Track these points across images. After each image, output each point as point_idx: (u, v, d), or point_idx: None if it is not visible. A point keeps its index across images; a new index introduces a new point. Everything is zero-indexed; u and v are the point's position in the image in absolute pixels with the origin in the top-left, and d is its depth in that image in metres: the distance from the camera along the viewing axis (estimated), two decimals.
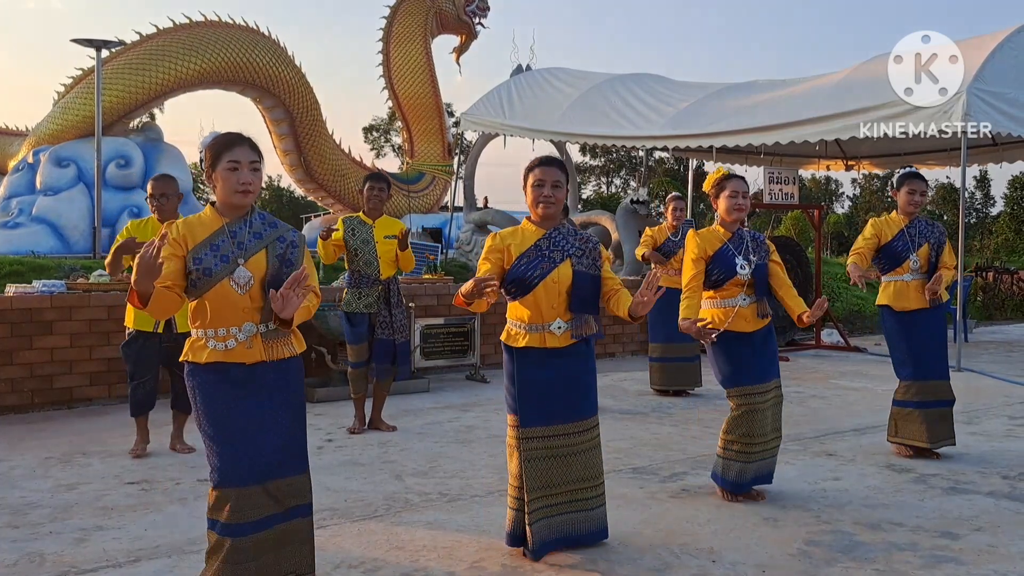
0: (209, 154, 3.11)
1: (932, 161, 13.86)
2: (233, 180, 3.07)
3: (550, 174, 3.78)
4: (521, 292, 3.78)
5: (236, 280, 3.04)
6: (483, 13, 21.71)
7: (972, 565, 3.72)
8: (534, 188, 3.78)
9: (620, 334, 10.60)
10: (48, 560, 3.78)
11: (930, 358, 5.52)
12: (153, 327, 5.49)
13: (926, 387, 5.51)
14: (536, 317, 3.77)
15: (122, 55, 17.26)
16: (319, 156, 19.77)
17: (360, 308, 6.20)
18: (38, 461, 5.50)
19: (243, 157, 3.07)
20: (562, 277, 3.77)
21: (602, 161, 57.95)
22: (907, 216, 5.55)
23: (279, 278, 3.10)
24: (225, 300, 3.04)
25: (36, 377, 7.13)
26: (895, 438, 5.65)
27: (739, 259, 4.58)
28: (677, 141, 12.19)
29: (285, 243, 3.18)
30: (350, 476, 5.16)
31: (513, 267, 3.77)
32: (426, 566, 3.70)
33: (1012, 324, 14.99)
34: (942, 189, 50.41)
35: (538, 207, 3.79)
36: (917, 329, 5.50)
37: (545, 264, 3.76)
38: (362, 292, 6.21)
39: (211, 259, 3.03)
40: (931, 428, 5.49)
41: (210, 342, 3.05)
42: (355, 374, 6.31)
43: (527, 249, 3.79)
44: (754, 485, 4.66)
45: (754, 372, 4.59)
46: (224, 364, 3.06)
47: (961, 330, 10.81)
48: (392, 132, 52.75)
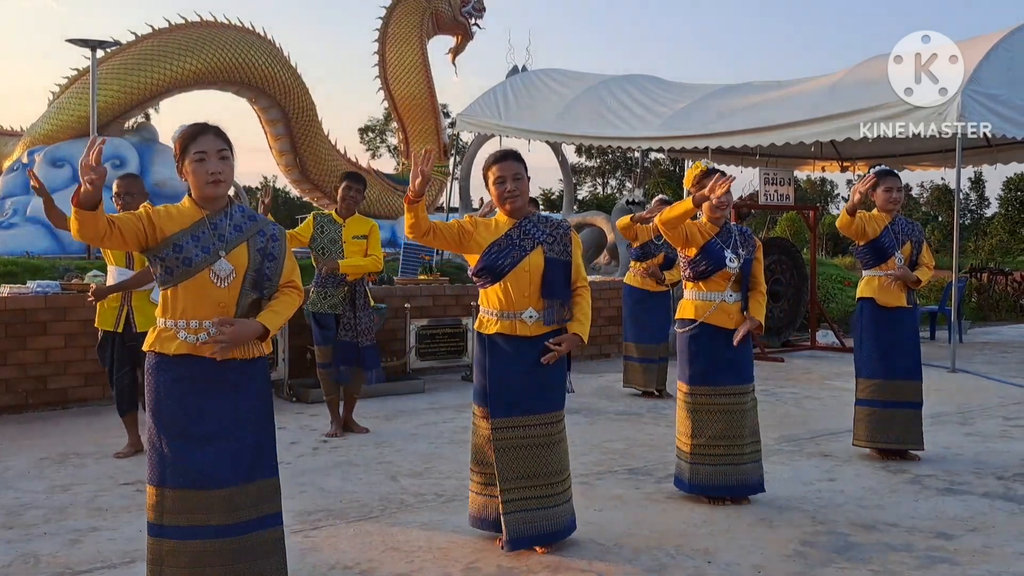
0: (177, 147, 3.04)
1: (927, 162, 13.89)
2: (202, 171, 2.99)
3: (508, 168, 3.82)
4: (492, 280, 3.81)
5: (217, 272, 2.98)
6: (479, 14, 21.68)
7: (967, 566, 3.73)
8: (496, 185, 3.82)
9: (616, 335, 10.59)
10: (43, 561, 3.77)
11: (903, 357, 5.51)
12: (113, 326, 5.50)
13: (893, 386, 5.48)
14: (507, 305, 3.81)
15: (117, 55, 17.22)
16: (315, 157, 19.74)
17: (325, 308, 6.11)
18: (32, 462, 5.48)
19: (209, 147, 2.99)
20: (533, 265, 3.80)
21: (598, 162, 57.98)
22: (888, 214, 5.57)
23: (262, 272, 3.06)
24: (201, 292, 2.96)
25: (30, 378, 7.11)
26: (863, 442, 5.55)
27: (728, 252, 4.57)
28: (673, 142, 12.19)
29: (265, 237, 3.11)
30: (345, 477, 5.15)
31: (484, 255, 3.80)
32: (421, 567, 3.70)
33: (1006, 325, 15.03)
34: (937, 190, 50.52)
35: (505, 204, 3.84)
36: (895, 327, 5.51)
37: (516, 252, 3.80)
38: (328, 292, 6.12)
39: (192, 248, 2.96)
40: (899, 429, 5.46)
41: (180, 333, 2.96)
42: (323, 375, 6.23)
43: (498, 238, 3.82)
44: (743, 494, 4.57)
45: (726, 373, 4.54)
46: (194, 358, 2.95)
47: (956, 331, 10.82)
48: (388, 133, 52.77)
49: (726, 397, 4.53)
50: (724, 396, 4.53)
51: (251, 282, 3.04)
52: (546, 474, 3.79)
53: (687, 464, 4.59)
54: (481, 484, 3.96)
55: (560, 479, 3.85)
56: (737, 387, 4.56)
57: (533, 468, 3.78)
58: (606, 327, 10.54)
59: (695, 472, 4.56)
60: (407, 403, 7.53)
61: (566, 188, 18.56)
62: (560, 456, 3.86)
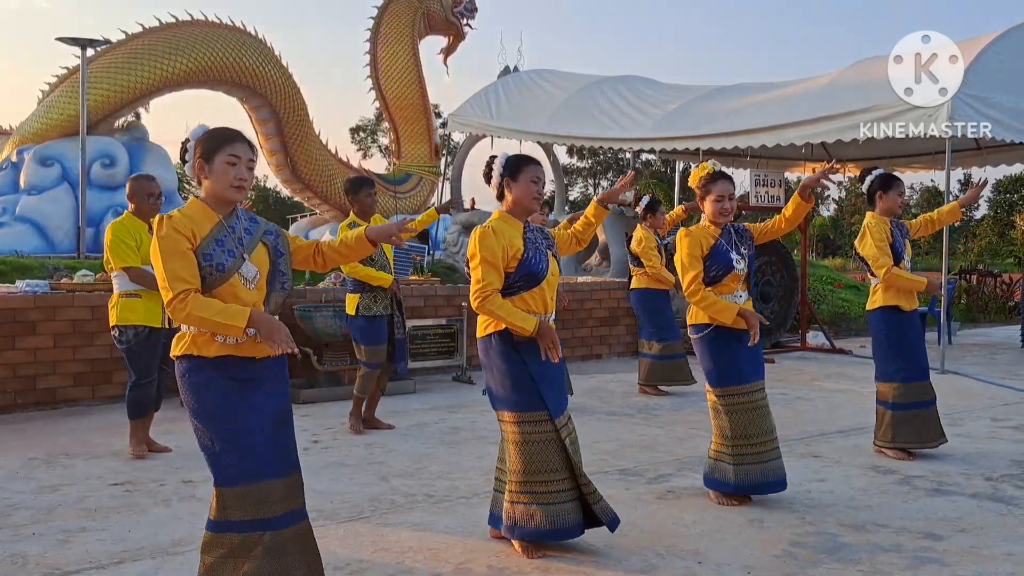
0: (205, 146, 3.05)
1: (917, 164, 13.94)
2: (231, 174, 3.03)
3: (542, 174, 3.98)
4: (529, 286, 3.84)
5: (244, 275, 3.03)
6: (471, 14, 21.69)
7: (956, 566, 3.74)
8: (532, 184, 3.91)
9: (607, 335, 10.62)
10: (31, 562, 3.75)
11: (922, 358, 5.61)
12: (161, 322, 5.40)
13: (920, 388, 5.56)
14: (539, 309, 3.85)
15: (107, 54, 17.16)
16: (306, 157, 19.70)
17: (379, 311, 6.24)
18: (21, 462, 5.46)
19: (243, 154, 3.06)
20: (554, 268, 3.95)
21: (589, 163, 57.97)
22: (893, 216, 5.58)
23: (278, 269, 3.14)
24: (233, 295, 3.00)
25: (19, 378, 7.07)
26: (891, 444, 5.57)
27: (733, 253, 4.58)
28: (664, 143, 12.22)
29: (273, 234, 3.19)
30: (336, 477, 5.15)
31: (524, 261, 3.82)
32: (412, 567, 3.70)
33: (995, 327, 15.09)
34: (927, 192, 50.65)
35: (533, 202, 3.93)
36: (913, 330, 5.58)
37: (543, 257, 3.90)
38: (377, 295, 6.23)
39: (220, 254, 2.99)
40: (932, 428, 5.57)
41: (218, 336, 2.98)
42: (370, 375, 6.33)
43: (526, 243, 3.86)
44: (774, 490, 4.58)
45: (747, 371, 4.57)
46: (234, 358, 3.01)
47: (945, 332, 10.87)
48: (379, 133, 52.63)
49: (755, 394, 4.57)
50: (753, 393, 4.57)
51: (272, 280, 3.13)
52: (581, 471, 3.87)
53: (731, 466, 4.55)
54: (551, 493, 3.78)
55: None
56: (760, 383, 4.63)
57: (578, 463, 3.86)
58: (597, 328, 10.55)
59: (743, 473, 4.52)
60: (398, 403, 7.52)
61: (557, 189, 18.59)
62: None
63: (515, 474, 3.80)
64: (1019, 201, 35.75)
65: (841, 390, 8.44)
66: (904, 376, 5.55)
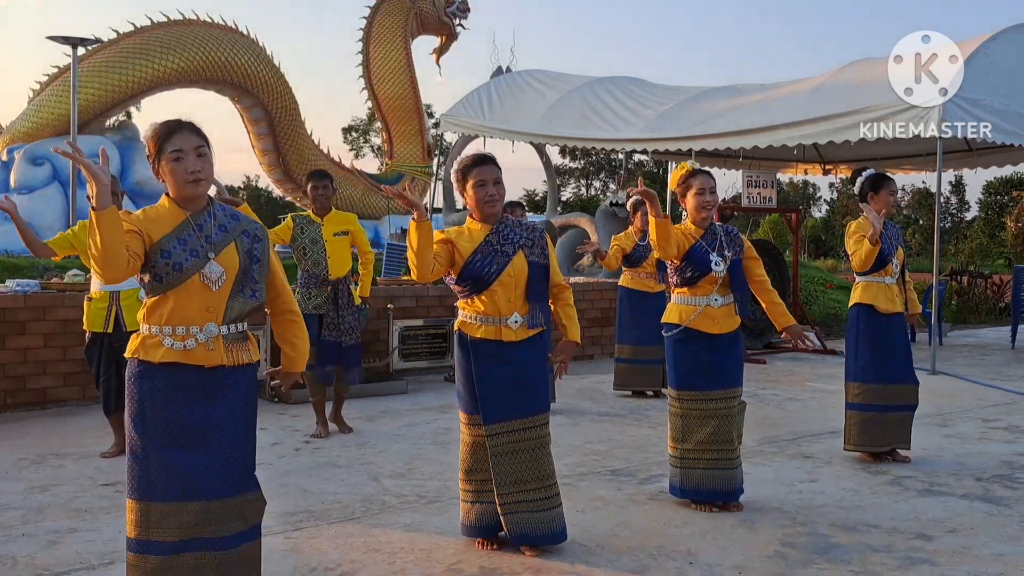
0: (151, 147, 2.87)
1: (908, 165, 13.98)
2: (181, 171, 2.83)
3: (491, 172, 3.82)
4: (477, 289, 3.79)
5: (208, 276, 2.84)
6: (463, 14, 21.71)
7: (946, 566, 3.76)
8: (478, 189, 3.79)
9: (599, 336, 10.62)
10: (20, 563, 3.73)
11: (900, 362, 5.51)
12: (103, 327, 5.47)
13: (890, 391, 5.48)
14: (492, 310, 3.80)
15: (99, 53, 17.12)
16: (297, 156, 19.69)
17: (309, 309, 6.05)
18: (11, 463, 5.43)
19: (186, 144, 2.83)
20: (518, 270, 3.81)
21: (582, 163, 58.04)
22: (887, 217, 5.57)
23: (249, 275, 2.95)
24: (190, 297, 2.83)
25: (9, 378, 7.04)
26: (854, 446, 5.55)
27: (713, 255, 4.48)
28: (656, 144, 12.23)
29: (250, 237, 2.99)
30: (327, 478, 5.13)
31: (468, 264, 3.78)
32: (404, 568, 3.69)
33: (986, 328, 15.15)
34: (918, 193, 50.89)
35: (484, 207, 3.81)
36: (892, 333, 5.50)
37: (499, 259, 3.79)
38: (311, 292, 6.10)
39: (181, 253, 2.81)
40: (892, 431, 5.48)
41: (166, 340, 2.81)
42: (308, 376, 6.15)
43: (478, 245, 3.80)
44: (732, 499, 4.51)
45: (713, 377, 4.48)
46: (181, 365, 2.82)
47: (936, 334, 10.90)
48: (372, 133, 52.58)
49: (713, 402, 4.48)
50: (711, 401, 4.48)
51: (239, 284, 2.93)
52: (539, 478, 3.79)
53: (678, 469, 4.54)
54: (475, 492, 3.90)
55: (552, 482, 3.85)
56: (725, 391, 4.50)
57: (527, 472, 3.77)
58: (589, 328, 10.54)
59: (686, 477, 4.51)
60: (390, 404, 7.51)
61: (550, 189, 18.60)
62: (550, 459, 3.86)
63: (460, 472, 3.94)
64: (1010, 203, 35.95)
65: (832, 391, 8.45)
66: (866, 376, 5.49)
